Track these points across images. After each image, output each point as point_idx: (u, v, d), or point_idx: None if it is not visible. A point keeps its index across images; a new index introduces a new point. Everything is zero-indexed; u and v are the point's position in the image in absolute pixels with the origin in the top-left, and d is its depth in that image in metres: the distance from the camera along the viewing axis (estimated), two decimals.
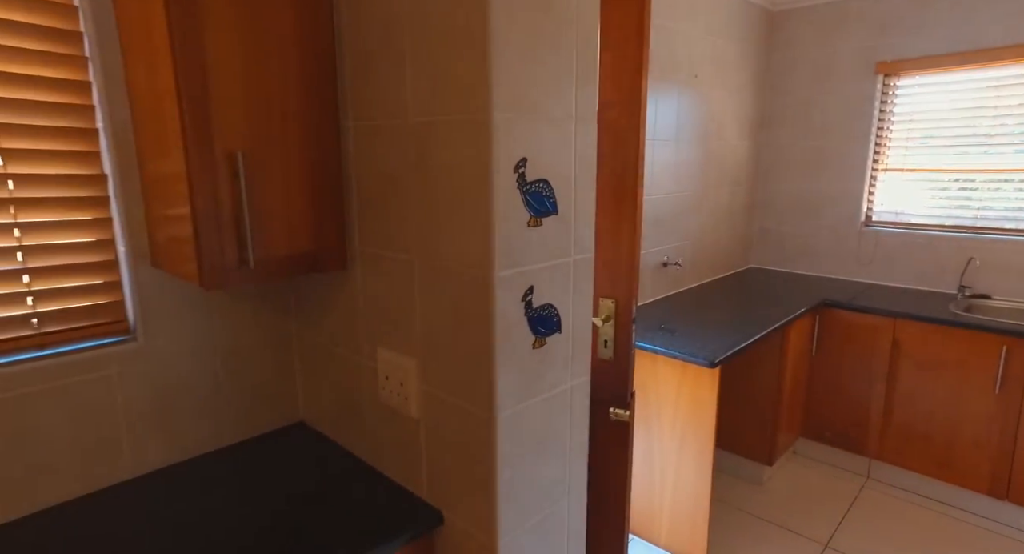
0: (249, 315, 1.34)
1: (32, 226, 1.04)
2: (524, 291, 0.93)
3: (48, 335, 1.09)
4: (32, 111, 1.02)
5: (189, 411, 1.28)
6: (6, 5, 0.98)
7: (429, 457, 1.09)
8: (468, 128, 0.86)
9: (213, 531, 1.04)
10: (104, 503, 1.12)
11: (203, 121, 0.89)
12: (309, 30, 1.00)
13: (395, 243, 1.05)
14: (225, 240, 0.94)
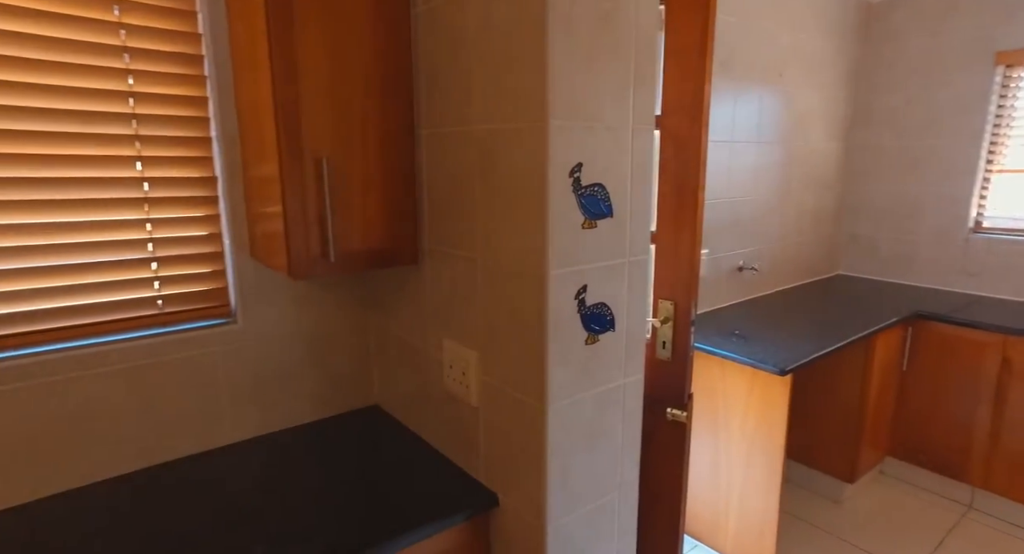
0: (332, 305, 1.48)
1: (160, 221, 1.22)
2: (577, 289, 0.98)
3: (169, 315, 1.27)
4: (164, 124, 1.19)
5: (278, 389, 1.43)
6: (152, 38, 1.15)
7: (486, 443, 1.17)
8: (526, 135, 0.92)
9: (298, 491, 1.17)
10: (211, 462, 1.29)
11: (295, 131, 1.02)
12: (388, 50, 1.11)
13: (461, 242, 1.13)
14: (311, 235, 1.07)
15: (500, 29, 0.94)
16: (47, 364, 1.13)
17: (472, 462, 1.22)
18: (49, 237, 1.11)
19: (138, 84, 1.15)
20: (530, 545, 1.09)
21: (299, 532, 1.04)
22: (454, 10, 1.04)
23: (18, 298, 1.10)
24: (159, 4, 1.15)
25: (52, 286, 1.13)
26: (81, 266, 1.15)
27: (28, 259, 1.10)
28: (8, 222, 1.07)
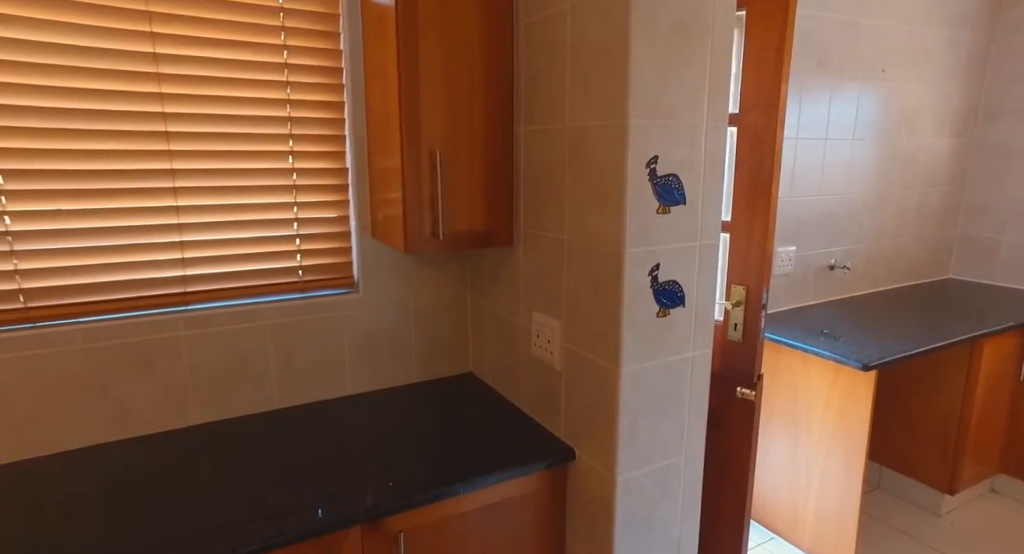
0: (436, 282, 1.69)
1: (303, 205, 1.49)
2: (651, 267, 1.12)
3: (307, 283, 1.53)
4: (309, 125, 1.46)
5: (389, 351, 1.67)
6: (305, 55, 1.41)
7: (566, 403, 1.32)
8: (609, 132, 1.07)
9: (405, 436, 1.38)
10: (333, 407, 1.54)
11: (415, 129, 1.23)
12: (493, 59, 1.30)
13: (550, 225, 1.29)
14: (424, 217, 1.28)
15: (590, 40, 1.10)
16: (222, 316, 1.42)
17: (553, 421, 1.38)
18: (229, 215, 1.40)
19: (293, 93, 1.42)
20: (602, 495, 1.24)
21: (408, 467, 1.25)
22: (552, 24, 1.21)
23: (205, 263, 1.40)
24: (312, 28, 1.41)
25: (228, 254, 1.42)
26: (249, 240, 1.43)
27: (213, 232, 1.39)
28: (199, 203, 1.37)
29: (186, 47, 1.30)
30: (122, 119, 1.27)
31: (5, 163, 1.18)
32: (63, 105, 1.21)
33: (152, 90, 1.28)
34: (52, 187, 1.23)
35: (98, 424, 1.34)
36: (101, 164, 1.26)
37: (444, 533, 1.21)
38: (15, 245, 1.21)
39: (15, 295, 1.23)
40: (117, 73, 1.25)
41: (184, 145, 1.33)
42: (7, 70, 1.16)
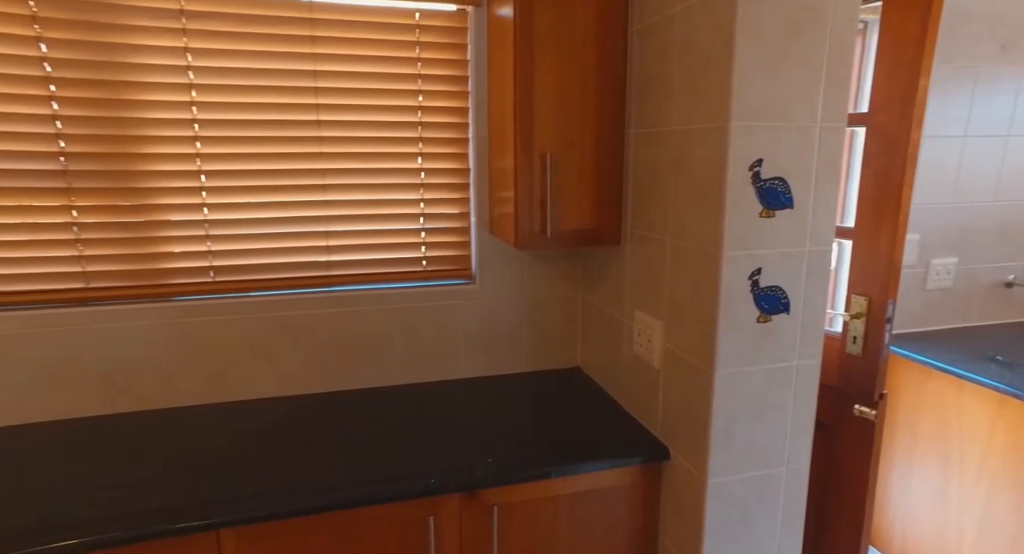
0: (548, 277, 1.78)
1: (428, 201, 1.65)
2: (751, 271, 1.10)
3: (430, 272, 1.70)
4: (436, 129, 1.61)
5: (500, 340, 1.78)
6: (436, 66, 1.57)
7: (664, 402, 1.34)
8: (712, 134, 1.07)
9: (512, 420, 1.49)
10: (448, 389, 1.70)
11: (528, 133, 1.32)
12: (606, 64, 1.34)
13: (655, 226, 1.31)
14: (533, 215, 1.36)
15: (696, 44, 1.10)
16: (358, 297, 1.63)
17: (651, 418, 1.40)
18: (366, 210, 1.60)
19: (424, 100, 1.58)
20: (693, 496, 1.24)
21: (508, 447, 1.35)
22: (662, 28, 1.22)
23: (345, 250, 1.61)
24: (443, 41, 1.56)
25: (363, 243, 1.62)
26: (381, 231, 1.63)
27: (352, 224, 1.60)
28: (341, 198, 1.58)
29: (339, 64, 1.51)
30: (289, 127, 1.51)
31: (209, 165, 1.47)
32: (245, 117, 1.48)
33: (311, 102, 1.51)
34: (237, 184, 1.50)
35: (263, 381, 1.61)
36: (270, 165, 1.52)
37: (536, 513, 1.29)
38: (210, 230, 1.51)
39: (207, 271, 1.53)
40: (285, 89, 1.49)
41: (332, 148, 1.55)
42: (208, 92, 1.44)
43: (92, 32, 1.35)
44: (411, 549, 1.23)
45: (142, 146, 1.43)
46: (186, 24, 1.40)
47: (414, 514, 1.21)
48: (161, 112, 1.42)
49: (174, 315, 1.51)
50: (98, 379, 1.49)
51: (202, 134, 1.46)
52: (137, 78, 1.39)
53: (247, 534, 1.13)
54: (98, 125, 1.39)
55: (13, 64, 1.32)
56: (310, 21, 1.47)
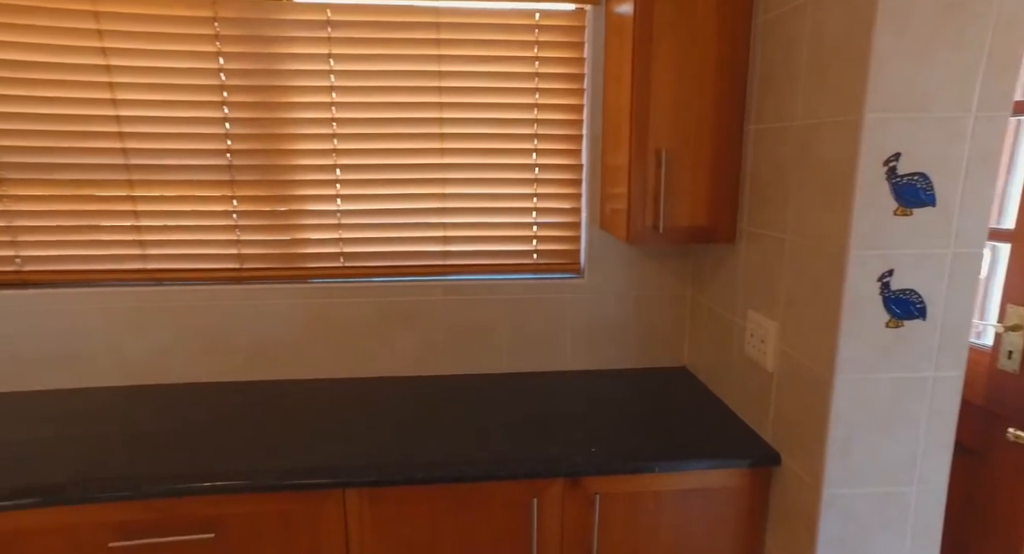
0: (658, 273, 1.76)
1: (541, 196, 1.70)
2: (882, 273, 1.03)
3: (540, 265, 1.75)
4: (551, 126, 1.65)
5: (606, 335, 1.80)
6: (553, 64, 1.61)
7: (776, 406, 1.29)
8: (842, 128, 1.02)
9: (616, 413, 1.50)
10: (555, 380, 1.74)
11: (643, 129, 1.32)
12: (727, 58, 1.31)
13: (773, 224, 1.27)
14: (646, 211, 1.36)
15: (829, 32, 1.05)
16: (470, 287, 1.72)
17: (761, 422, 1.36)
18: (481, 203, 1.69)
19: (540, 98, 1.63)
20: (805, 506, 1.19)
21: (611, 439, 1.37)
22: (791, 18, 1.18)
23: (460, 241, 1.71)
24: (561, 40, 1.60)
25: (478, 235, 1.71)
26: (495, 224, 1.70)
27: (468, 216, 1.69)
28: (459, 192, 1.67)
29: (461, 65, 1.59)
30: (414, 125, 1.62)
31: (343, 160, 1.62)
32: (376, 116, 1.61)
33: (434, 101, 1.61)
34: (366, 177, 1.64)
35: (382, 361, 1.75)
36: (396, 160, 1.64)
37: (638, 506, 1.30)
38: (342, 219, 1.66)
39: (338, 256, 1.68)
40: (412, 90, 1.60)
41: (452, 144, 1.64)
42: (346, 93, 1.58)
43: (258, 45, 1.54)
44: (515, 528, 1.29)
45: (290, 143, 1.60)
46: (331, 33, 1.55)
47: (519, 495, 1.26)
48: (306, 112, 1.58)
49: (309, 295, 1.68)
50: (246, 349, 1.69)
51: (339, 132, 1.61)
52: (289, 83, 1.57)
53: (367, 495, 1.24)
54: (257, 125, 1.58)
55: (199, 76, 1.54)
56: (436, 25, 1.57)
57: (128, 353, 1.65)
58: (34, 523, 1.16)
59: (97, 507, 1.17)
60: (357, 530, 1.25)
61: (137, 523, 1.19)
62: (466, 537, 1.28)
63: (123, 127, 1.54)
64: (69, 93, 1.51)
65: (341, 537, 1.25)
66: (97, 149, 1.55)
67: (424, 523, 1.27)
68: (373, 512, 1.25)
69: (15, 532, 1.16)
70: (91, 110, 1.52)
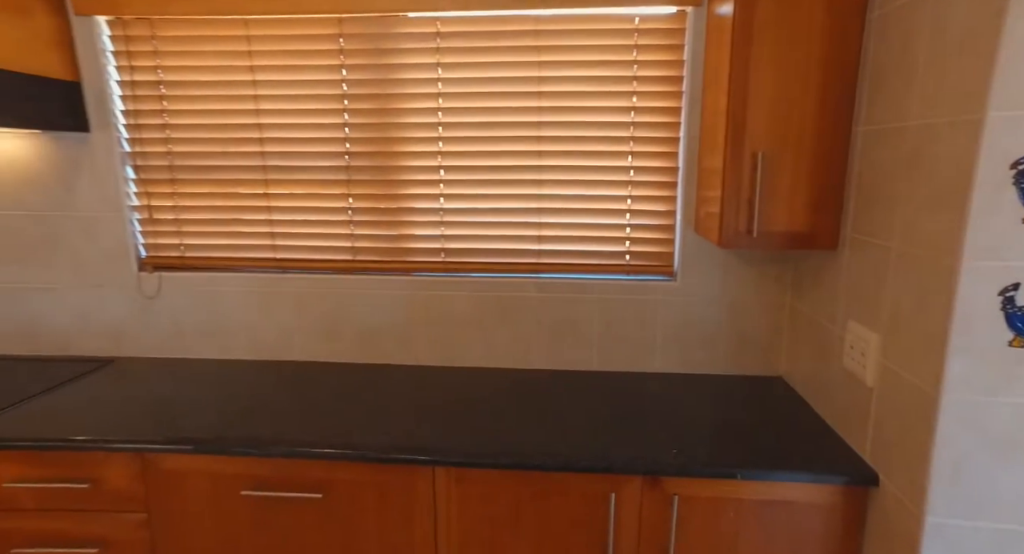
0: (754, 279, 1.71)
1: (636, 198, 1.71)
2: (1005, 286, 0.95)
3: (632, 266, 1.76)
4: (647, 128, 1.66)
5: (697, 339, 1.77)
6: (651, 68, 1.62)
7: (876, 423, 1.22)
8: (961, 128, 0.95)
9: (696, 417, 1.49)
10: (642, 381, 1.75)
11: (739, 132, 1.30)
12: (834, 57, 1.26)
13: (879, 231, 1.20)
14: (740, 215, 1.34)
15: (951, 26, 0.98)
16: (562, 285, 1.77)
17: (858, 439, 1.29)
18: (576, 204, 1.73)
19: (638, 101, 1.64)
20: (906, 533, 1.12)
21: (694, 442, 1.36)
22: (909, 12, 1.11)
23: (554, 241, 1.76)
24: (660, 43, 1.60)
25: (571, 235, 1.75)
26: (589, 225, 1.74)
27: (562, 216, 1.74)
28: (554, 193, 1.73)
29: (560, 70, 1.65)
30: (513, 128, 1.70)
31: (447, 161, 1.74)
32: (477, 120, 1.70)
33: (533, 105, 1.68)
34: (467, 177, 1.75)
35: (476, 352, 1.85)
36: (495, 161, 1.73)
37: (718, 512, 1.29)
38: (444, 217, 1.78)
39: (439, 252, 1.81)
40: (512, 94, 1.68)
41: (550, 147, 1.70)
42: (451, 99, 1.70)
43: (375, 57, 1.69)
44: (593, 521, 1.32)
45: (400, 146, 1.74)
46: (440, 44, 1.66)
47: (597, 488, 1.30)
48: (415, 118, 1.72)
49: (412, 287, 1.82)
50: (356, 334, 1.86)
51: (444, 135, 1.72)
52: (401, 91, 1.70)
53: (455, 474, 1.33)
54: (372, 130, 1.74)
55: (325, 87, 1.72)
56: (536, 33, 1.63)
57: (259, 331, 1.88)
58: (188, 465, 1.38)
59: (232, 459, 1.37)
60: (445, 505, 1.35)
61: (262, 477, 1.37)
62: (545, 523, 1.34)
63: (263, 134, 1.76)
64: (225, 106, 1.75)
65: (430, 510, 1.36)
66: (242, 153, 1.78)
67: (506, 505, 1.34)
68: (460, 490, 1.34)
69: (177, 470, 1.39)
70: (240, 119, 1.76)
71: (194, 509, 1.40)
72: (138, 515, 1.41)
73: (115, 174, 1.80)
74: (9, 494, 1.41)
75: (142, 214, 1.85)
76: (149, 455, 1.38)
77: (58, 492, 1.40)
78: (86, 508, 1.41)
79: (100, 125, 1.77)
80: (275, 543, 1.41)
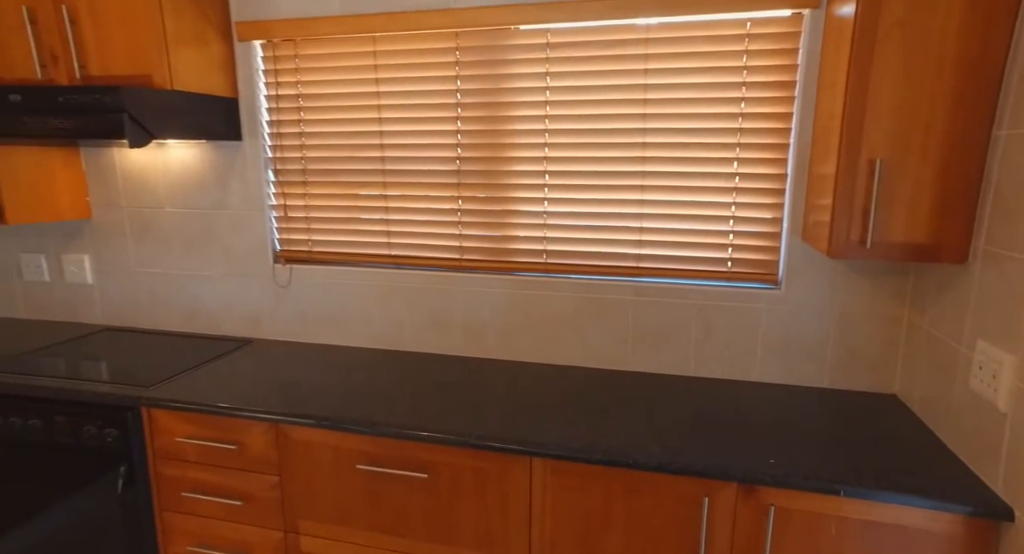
0: (868, 291, 1.63)
1: (740, 205, 1.69)
2: None
3: (733, 273, 1.74)
4: (757, 134, 1.64)
5: (802, 351, 1.71)
6: (762, 73, 1.60)
7: (1010, 452, 1.13)
8: None
9: (796, 429, 1.45)
10: (739, 389, 1.72)
11: (855, 138, 1.26)
12: (973, 54, 1.18)
13: (1018, 244, 1.11)
14: (853, 224, 1.29)
15: None
16: (661, 290, 1.79)
17: (988, 468, 1.20)
18: (678, 209, 1.74)
19: (746, 107, 1.62)
20: None
21: (794, 454, 1.33)
22: None
23: (654, 245, 1.78)
24: (772, 48, 1.57)
25: (672, 241, 1.76)
26: (690, 231, 1.74)
27: (664, 222, 1.76)
28: (656, 198, 1.74)
29: (667, 76, 1.66)
30: (616, 134, 1.74)
31: (551, 166, 1.81)
32: (582, 127, 1.76)
33: (638, 112, 1.70)
34: (570, 182, 1.81)
35: (573, 351, 1.91)
36: (598, 167, 1.77)
37: (818, 527, 1.26)
38: (547, 220, 1.85)
39: (541, 253, 1.88)
40: (617, 101, 1.72)
41: (653, 153, 1.72)
42: (557, 106, 1.76)
43: (487, 68, 1.80)
44: (684, 523, 1.34)
45: (507, 151, 1.84)
46: (549, 54, 1.74)
47: (690, 491, 1.31)
48: (523, 124, 1.80)
49: (514, 287, 1.91)
50: (461, 329, 1.98)
51: (550, 141, 1.79)
52: (510, 99, 1.80)
53: (551, 467, 1.40)
54: (481, 136, 1.85)
55: (441, 96, 1.85)
56: (645, 41, 1.66)
57: (373, 322, 2.06)
58: (313, 438, 1.56)
59: (349, 435, 1.52)
60: (540, 495, 1.42)
61: (375, 454, 1.52)
62: (637, 521, 1.37)
63: (384, 140, 1.93)
64: (352, 115, 1.94)
65: (525, 499, 1.43)
66: (365, 157, 1.96)
67: (599, 501, 1.39)
68: (555, 482, 1.41)
69: (304, 441, 1.57)
70: (364, 127, 1.93)
71: (317, 477, 1.57)
72: (272, 477, 1.61)
73: (259, 177, 2.04)
74: (180, 447, 1.66)
75: (278, 212, 2.08)
76: (282, 426, 1.56)
77: (213, 450, 1.63)
78: (233, 466, 1.63)
79: (250, 134, 2.01)
80: (385, 514, 1.55)
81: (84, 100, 1.57)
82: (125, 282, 2.27)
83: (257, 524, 1.65)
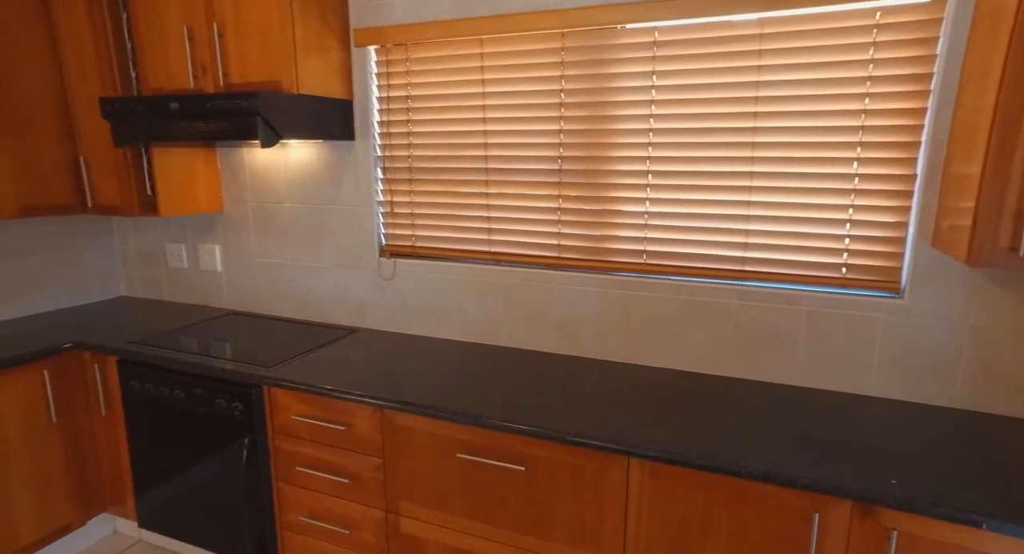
0: (1013, 303, 1.48)
1: (859, 208, 1.59)
2: None
3: (848, 280, 1.64)
4: (882, 132, 1.53)
5: (925, 365, 1.58)
6: (892, 66, 1.49)
7: None
8: None
9: (921, 449, 1.35)
10: (853, 403, 1.62)
11: (1011, 132, 1.15)
12: None
13: None
14: (1001, 229, 1.18)
15: None
16: (768, 295, 1.72)
17: None
18: (789, 212, 1.66)
19: (870, 103, 1.52)
20: None
21: (919, 476, 1.24)
22: None
23: (762, 249, 1.71)
24: (905, 38, 1.46)
25: (781, 244, 1.69)
26: (801, 234, 1.66)
27: (773, 224, 1.68)
28: (765, 200, 1.67)
29: (781, 73, 1.59)
30: (724, 134, 1.69)
31: (655, 166, 1.79)
32: (688, 126, 1.72)
33: (749, 110, 1.64)
34: (674, 183, 1.77)
35: (670, 354, 1.88)
36: (704, 167, 1.73)
37: None
38: (648, 220, 1.83)
39: (640, 253, 1.86)
40: (726, 100, 1.66)
41: (763, 153, 1.65)
42: (664, 106, 1.74)
43: (592, 67, 1.80)
44: (790, 539, 1.28)
45: (610, 151, 1.83)
46: (656, 52, 1.71)
47: (800, 504, 1.26)
48: (627, 124, 1.79)
49: (611, 286, 1.90)
50: (556, 326, 2.00)
51: (654, 141, 1.77)
52: (614, 99, 1.79)
53: (648, 468, 1.39)
54: (584, 135, 1.85)
55: (545, 96, 1.88)
56: (759, 37, 1.59)
57: (470, 316, 2.12)
58: (415, 424, 1.63)
59: (449, 425, 1.58)
60: (636, 496, 1.41)
61: (474, 444, 1.57)
62: (738, 531, 1.33)
63: (487, 139, 1.98)
64: (457, 115, 2.01)
65: (621, 498, 1.43)
66: (468, 156, 2.02)
67: (698, 507, 1.36)
68: (652, 484, 1.39)
69: (407, 427, 1.65)
70: (468, 127, 2.00)
71: (418, 462, 1.65)
72: (376, 459, 1.71)
73: (369, 174, 2.17)
74: (295, 425, 1.80)
75: (385, 208, 2.19)
76: (387, 411, 1.65)
77: (324, 430, 1.76)
78: (341, 446, 1.75)
79: (362, 134, 2.14)
80: (480, 503, 1.60)
81: (226, 105, 1.74)
82: (247, 270, 2.49)
83: (361, 502, 1.76)
